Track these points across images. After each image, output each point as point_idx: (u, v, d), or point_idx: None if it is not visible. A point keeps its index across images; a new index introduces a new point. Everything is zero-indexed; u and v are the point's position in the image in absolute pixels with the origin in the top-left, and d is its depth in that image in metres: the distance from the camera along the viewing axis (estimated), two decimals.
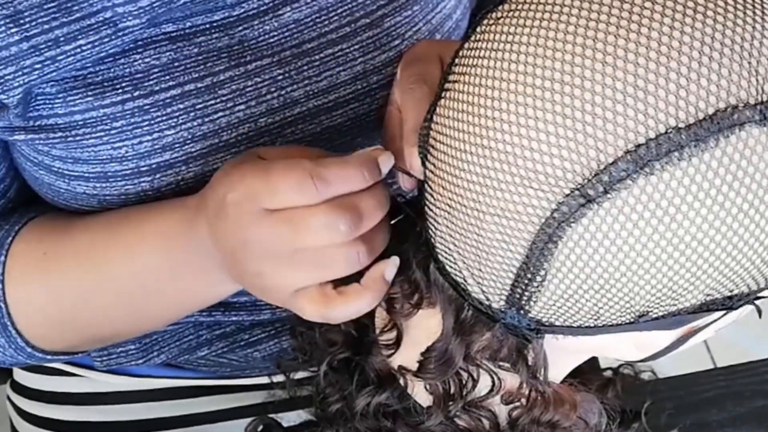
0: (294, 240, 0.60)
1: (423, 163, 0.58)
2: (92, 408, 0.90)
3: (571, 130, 0.49)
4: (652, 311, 0.53)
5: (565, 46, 0.50)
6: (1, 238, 0.74)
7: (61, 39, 0.66)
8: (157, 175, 0.72)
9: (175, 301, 0.73)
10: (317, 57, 0.74)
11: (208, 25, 0.70)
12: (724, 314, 0.56)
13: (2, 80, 0.66)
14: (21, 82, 0.66)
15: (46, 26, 0.65)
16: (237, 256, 0.63)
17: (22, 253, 0.74)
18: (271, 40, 0.72)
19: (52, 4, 0.65)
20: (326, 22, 0.74)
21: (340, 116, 0.76)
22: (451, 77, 0.56)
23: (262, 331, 0.87)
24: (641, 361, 0.62)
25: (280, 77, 0.73)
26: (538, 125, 0.50)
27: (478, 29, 0.55)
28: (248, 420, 0.75)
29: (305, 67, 0.73)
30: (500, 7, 0.54)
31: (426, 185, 0.58)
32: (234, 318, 0.84)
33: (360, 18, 0.74)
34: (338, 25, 0.74)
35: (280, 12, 0.72)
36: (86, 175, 0.72)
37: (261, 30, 0.72)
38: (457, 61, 0.56)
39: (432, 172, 0.57)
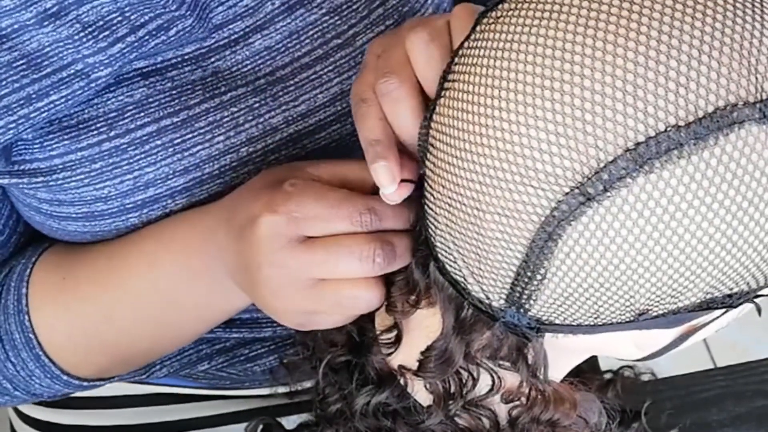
0: (323, 265, 0.62)
1: (422, 162, 0.58)
2: (92, 412, 0.89)
3: (570, 129, 0.49)
4: (651, 310, 0.53)
5: (565, 45, 0.50)
6: (21, 272, 0.74)
7: (33, 96, 0.64)
8: (144, 210, 0.71)
9: (193, 313, 0.73)
10: (292, 82, 0.73)
11: (179, 59, 0.70)
12: (724, 312, 0.56)
13: None
14: None
15: (16, 85, 0.64)
16: (253, 274, 0.64)
17: (41, 280, 0.74)
18: (244, 69, 0.72)
19: (21, 62, 0.63)
20: (298, 47, 0.73)
21: (323, 139, 0.75)
22: (451, 76, 0.56)
23: (261, 346, 0.86)
24: (641, 360, 0.62)
25: (257, 105, 0.72)
26: (537, 124, 0.50)
27: (477, 28, 0.55)
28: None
29: (281, 93, 0.73)
30: (500, 6, 0.54)
31: (425, 184, 0.58)
32: (235, 335, 0.84)
33: (332, 39, 0.74)
34: (310, 48, 0.73)
35: (251, 40, 0.71)
36: (74, 215, 0.71)
37: (233, 60, 0.71)
38: (456, 60, 0.56)
39: (431, 171, 0.57)
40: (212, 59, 0.71)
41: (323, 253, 0.62)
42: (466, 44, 0.56)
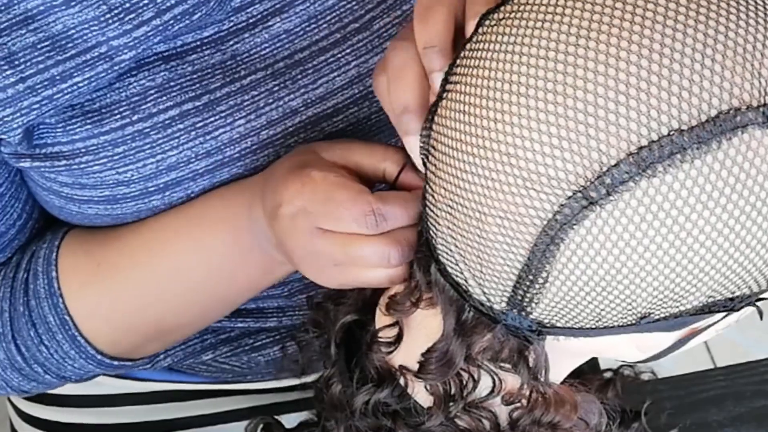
0: (343, 259, 0.64)
1: (424, 164, 0.58)
2: (92, 410, 0.90)
3: (573, 132, 0.49)
4: (653, 313, 0.53)
5: (568, 48, 0.50)
6: (46, 256, 0.75)
7: (57, 78, 0.65)
8: (167, 193, 0.72)
9: (246, 285, 0.75)
10: (310, 65, 0.74)
11: (198, 43, 0.70)
12: (726, 315, 0.56)
13: (1, 122, 0.66)
14: (20, 122, 0.66)
15: (41, 66, 0.65)
16: (288, 253, 0.68)
17: (71, 266, 0.75)
18: (263, 52, 0.72)
19: (46, 43, 0.64)
20: (316, 30, 0.73)
21: (341, 122, 0.75)
22: (453, 78, 0.56)
23: (266, 336, 0.87)
24: (642, 361, 0.62)
25: (276, 88, 0.73)
26: (540, 127, 0.50)
27: (480, 30, 0.55)
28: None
29: (299, 76, 0.73)
30: (502, 8, 0.54)
31: (427, 186, 0.58)
32: (240, 324, 0.85)
33: (349, 23, 0.74)
34: (328, 32, 0.74)
35: (270, 23, 0.72)
36: (95, 199, 0.72)
37: (252, 43, 0.72)
38: (458, 62, 0.56)
39: (433, 173, 0.56)
40: (231, 42, 0.71)
41: (339, 247, 0.64)
42: (468, 45, 0.55)
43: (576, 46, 0.49)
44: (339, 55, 0.74)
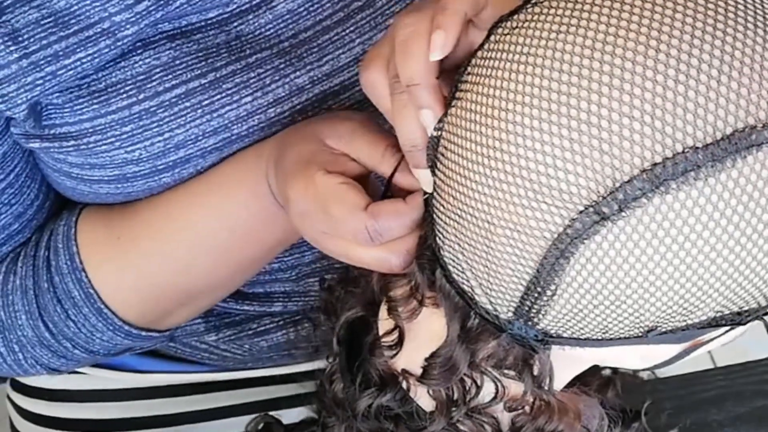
0: (347, 260, 0.65)
1: (432, 171, 0.57)
2: (92, 405, 0.90)
3: (587, 147, 0.48)
4: (660, 326, 0.53)
5: (582, 61, 0.49)
6: (65, 233, 0.76)
7: (60, 53, 0.66)
8: (176, 170, 0.72)
9: (273, 242, 0.76)
10: (315, 44, 0.74)
11: (203, 23, 0.71)
12: (732, 328, 0.56)
13: (6, 98, 0.66)
14: (24, 98, 0.66)
15: (44, 42, 0.65)
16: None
17: (91, 240, 0.75)
18: (267, 32, 0.72)
19: (49, 20, 0.65)
20: (320, 10, 0.74)
21: (347, 99, 0.75)
22: (463, 86, 0.55)
23: (270, 321, 0.87)
24: (644, 370, 0.62)
25: (282, 65, 0.73)
26: (553, 140, 0.49)
27: (492, 38, 0.54)
28: (247, 417, 0.75)
29: (305, 54, 0.73)
30: (515, 17, 0.53)
31: (435, 192, 0.57)
32: (246, 307, 0.85)
33: (352, 1, 0.74)
34: (332, 11, 0.74)
35: (274, 4, 0.72)
36: (106, 178, 0.73)
37: (256, 24, 0.72)
38: (469, 69, 0.55)
39: (441, 181, 0.56)
40: (235, 23, 0.71)
41: (342, 250, 0.64)
42: (479, 53, 0.55)
43: (591, 59, 0.49)
44: (343, 33, 0.74)
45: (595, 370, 0.82)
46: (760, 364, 0.90)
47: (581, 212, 0.49)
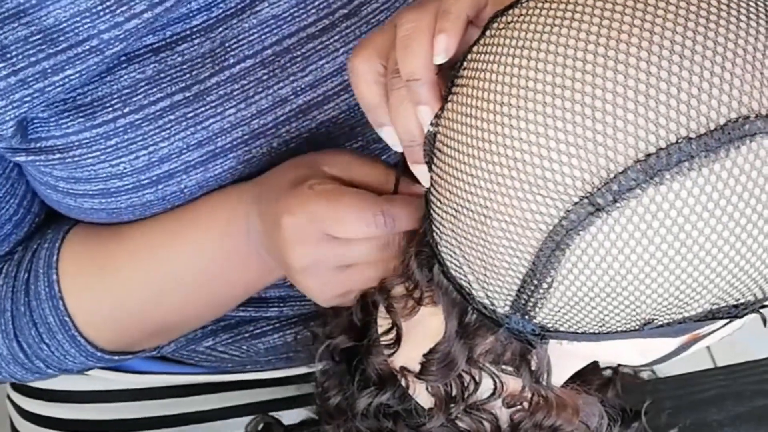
0: (349, 258, 0.66)
1: (429, 167, 0.58)
2: (92, 406, 0.90)
3: (581, 138, 0.49)
4: (657, 319, 0.53)
5: (577, 53, 0.49)
6: (47, 258, 0.76)
7: (49, 71, 0.66)
8: (160, 186, 0.72)
9: (243, 285, 0.77)
10: (299, 52, 0.74)
11: (188, 32, 0.70)
12: (729, 322, 0.56)
13: None
14: (12, 115, 0.66)
15: (32, 59, 0.65)
16: (287, 264, 0.68)
17: (75, 271, 0.76)
18: (252, 38, 0.72)
19: (38, 37, 0.64)
20: (304, 16, 0.73)
21: (332, 109, 0.75)
22: (459, 81, 0.55)
23: (267, 324, 0.87)
24: (643, 366, 0.62)
25: (266, 77, 0.73)
26: (548, 132, 0.49)
27: (487, 33, 0.55)
28: (247, 418, 0.75)
29: (288, 64, 0.73)
30: (510, 11, 0.54)
31: (431, 188, 0.57)
32: (241, 313, 0.85)
33: (337, 9, 0.74)
34: (317, 17, 0.74)
35: (258, 8, 0.72)
36: (90, 192, 0.73)
37: (240, 28, 0.72)
38: (465, 64, 0.55)
39: (438, 176, 0.56)
40: (220, 29, 0.71)
41: (345, 248, 0.65)
42: (475, 48, 0.55)
43: (585, 51, 0.49)
44: (327, 42, 0.74)
45: (595, 369, 0.82)
46: (760, 364, 0.90)
47: (576, 204, 0.49)
